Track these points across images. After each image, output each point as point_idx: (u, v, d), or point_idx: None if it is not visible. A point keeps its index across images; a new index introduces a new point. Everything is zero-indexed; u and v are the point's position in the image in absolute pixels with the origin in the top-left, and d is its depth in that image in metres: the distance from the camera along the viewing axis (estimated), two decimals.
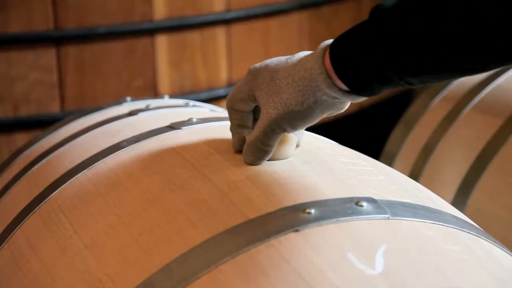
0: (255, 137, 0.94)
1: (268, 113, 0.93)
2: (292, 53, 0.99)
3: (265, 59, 0.98)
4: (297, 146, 0.99)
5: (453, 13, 0.78)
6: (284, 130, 0.93)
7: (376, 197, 0.88)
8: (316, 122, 0.93)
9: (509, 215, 1.59)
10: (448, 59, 0.81)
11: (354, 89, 0.88)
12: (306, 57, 0.91)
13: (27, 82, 2.32)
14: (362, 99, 0.90)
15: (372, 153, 1.24)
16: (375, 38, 0.84)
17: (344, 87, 0.88)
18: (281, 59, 0.95)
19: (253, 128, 0.98)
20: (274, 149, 0.95)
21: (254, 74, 0.95)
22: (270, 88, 0.93)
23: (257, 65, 0.96)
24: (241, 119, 0.98)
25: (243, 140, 0.98)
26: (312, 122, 0.93)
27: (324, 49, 0.89)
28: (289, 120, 0.92)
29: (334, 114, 0.94)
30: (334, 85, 0.88)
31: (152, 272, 0.82)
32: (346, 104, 0.92)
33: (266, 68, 0.94)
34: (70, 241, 0.94)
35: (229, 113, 0.99)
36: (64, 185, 1.06)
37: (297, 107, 0.90)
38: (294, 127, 0.93)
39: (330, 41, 0.90)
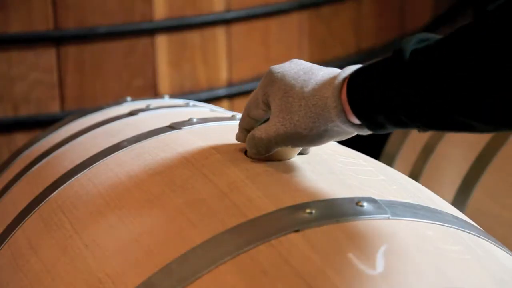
0: (259, 138, 0.94)
1: (276, 127, 0.91)
2: (292, 53, 0.99)
3: (265, 59, 0.97)
4: (304, 153, 0.99)
5: (475, 75, 0.76)
6: (287, 146, 0.92)
7: (376, 197, 0.88)
8: (316, 146, 0.92)
9: (509, 215, 1.59)
10: (464, 122, 0.79)
11: (367, 126, 0.86)
12: (324, 83, 0.89)
13: (27, 82, 2.32)
14: (367, 132, 0.89)
15: (372, 153, 1.23)
16: (393, 81, 0.82)
17: (357, 121, 0.86)
18: (299, 72, 0.92)
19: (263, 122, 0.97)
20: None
21: (271, 79, 0.93)
22: (283, 104, 0.91)
23: (276, 69, 0.94)
24: (252, 125, 0.98)
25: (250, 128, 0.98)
26: (318, 145, 0.92)
27: (342, 81, 0.87)
28: (295, 140, 0.91)
29: (342, 140, 0.93)
30: (347, 119, 0.87)
31: (152, 272, 0.82)
32: (351, 135, 0.91)
33: (283, 80, 0.92)
34: (70, 241, 0.94)
35: (243, 117, 0.98)
36: (64, 185, 1.06)
37: (306, 131, 0.89)
38: (299, 146, 0.92)
39: (349, 71, 0.87)
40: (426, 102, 0.80)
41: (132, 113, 1.26)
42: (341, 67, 0.93)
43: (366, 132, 0.88)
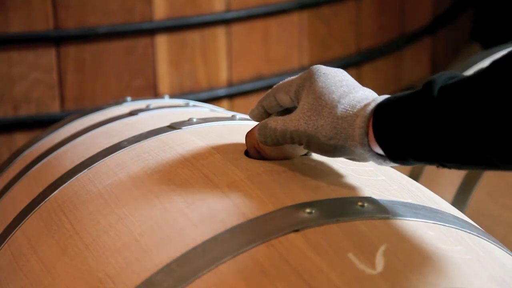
0: (274, 128, 0.93)
1: (298, 122, 0.90)
2: (292, 53, 0.99)
3: (265, 59, 0.97)
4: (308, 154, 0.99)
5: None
6: (301, 145, 0.92)
7: (376, 197, 0.88)
8: (331, 157, 0.92)
9: (509, 215, 1.59)
10: (489, 159, 0.78)
11: (388, 155, 0.85)
12: (359, 102, 0.88)
13: (27, 82, 2.32)
14: (389, 165, 0.88)
15: None
16: (420, 117, 0.81)
17: (378, 150, 0.86)
18: (342, 83, 0.90)
19: (280, 114, 0.97)
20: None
21: (312, 76, 0.92)
22: (314, 104, 0.90)
23: (321, 70, 0.92)
24: (271, 107, 0.97)
25: (262, 116, 0.98)
26: (328, 157, 0.91)
27: (371, 111, 0.86)
28: (310, 143, 0.90)
29: (353, 160, 0.92)
30: (368, 144, 0.86)
31: (152, 272, 0.82)
32: (368, 160, 0.90)
33: (324, 82, 0.90)
34: (70, 241, 0.94)
35: (267, 95, 0.97)
36: (65, 185, 1.06)
37: (324, 139, 0.88)
38: (311, 149, 0.91)
39: (383, 98, 0.86)
40: (452, 137, 0.79)
41: (132, 113, 1.26)
42: (341, 67, 0.93)
43: (381, 162, 0.87)
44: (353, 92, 0.89)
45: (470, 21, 3.73)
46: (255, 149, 0.98)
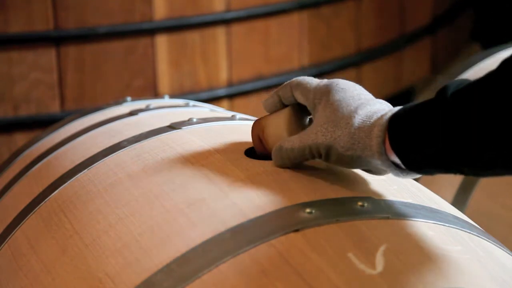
0: (291, 148, 0.93)
1: (316, 136, 0.90)
2: (292, 53, 0.99)
3: (265, 59, 0.97)
4: None
5: None
6: (319, 158, 0.91)
7: (376, 197, 0.88)
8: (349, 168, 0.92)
9: (509, 215, 1.59)
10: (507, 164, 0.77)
11: (406, 166, 0.85)
12: (376, 113, 0.88)
13: (27, 82, 2.32)
14: (407, 177, 0.88)
15: None
16: (436, 125, 0.81)
17: (395, 159, 0.85)
18: (360, 96, 0.91)
19: (298, 131, 0.96)
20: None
21: (331, 89, 0.92)
22: (332, 116, 0.90)
23: (341, 85, 0.92)
24: (287, 98, 0.97)
25: (276, 105, 0.98)
26: (347, 167, 0.91)
27: (387, 121, 0.86)
28: (330, 155, 0.90)
29: (370, 173, 0.92)
30: (385, 153, 0.85)
31: (152, 272, 0.82)
32: (387, 172, 0.90)
33: (343, 95, 0.91)
34: (70, 240, 0.94)
35: (285, 87, 0.97)
36: (65, 185, 1.06)
37: (342, 150, 0.88)
38: (329, 161, 0.91)
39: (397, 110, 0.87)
40: (464, 140, 0.79)
41: (132, 113, 1.26)
42: (341, 67, 0.93)
43: (399, 174, 0.87)
44: (370, 104, 0.89)
45: (470, 21, 3.73)
46: (259, 138, 0.98)
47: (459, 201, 1.65)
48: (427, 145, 0.82)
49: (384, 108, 0.89)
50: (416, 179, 0.97)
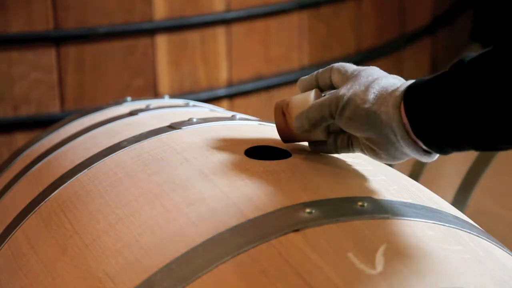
0: (311, 106, 0.94)
1: (337, 91, 0.92)
2: (292, 53, 0.99)
3: (265, 59, 0.98)
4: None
5: None
6: (334, 116, 0.91)
7: (376, 197, 0.88)
8: (356, 133, 0.91)
9: (509, 215, 1.59)
10: None
11: (421, 138, 0.85)
12: (395, 84, 0.89)
13: (27, 82, 2.32)
14: (423, 159, 0.88)
15: None
16: (451, 97, 0.81)
17: (407, 123, 0.86)
18: (375, 75, 0.92)
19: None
20: (318, 127, 0.95)
21: (360, 72, 0.94)
22: (352, 79, 0.92)
23: (367, 69, 0.94)
24: (324, 79, 0.98)
25: (311, 84, 0.99)
26: (355, 130, 0.90)
27: (402, 95, 0.87)
28: (346, 108, 0.90)
29: (372, 154, 0.92)
30: (400, 112, 0.86)
31: (152, 272, 0.82)
32: (390, 147, 0.89)
33: (363, 75, 0.93)
34: (70, 240, 0.94)
35: (326, 68, 0.98)
36: (65, 185, 1.06)
37: (361, 101, 0.88)
38: (343, 115, 0.90)
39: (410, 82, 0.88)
40: (476, 109, 0.79)
41: (132, 113, 1.26)
42: None
43: (417, 153, 0.87)
44: (389, 78, 0.91)
45: (470, 21, 3.73)
46: (283, 113, 0.98)
47: (459, 201, 1.65)
48: (439, 116, 0.82)
49: (399, 82, 0.90)
50: (416, 179, 0.97)
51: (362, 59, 2.97)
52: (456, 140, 0.83)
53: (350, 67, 0.96)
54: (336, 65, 0.98)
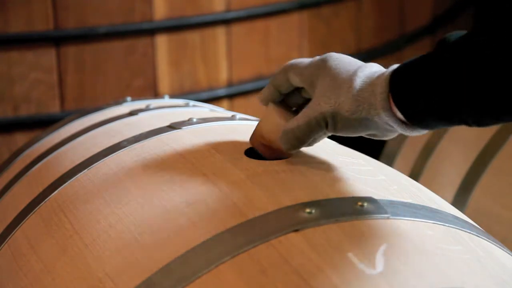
0: (296, 126, 0.93)
1: (319, 105, 0.91)
2: (292, 53, 0.99)
3: (265, 59, 0.97)
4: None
5: None
6: (326, 128, 0.91)
7: (376, 197, 0.88)
8: (355, 135, 0.92)
9: (509, 215, 1.59)
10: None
11: (408, 118, 0.86)
12: (376, 73, 0.89)
13: (27, 82, 2.32)
14: (413, 133, 0.88)
15: (372, 153, 1.24)
16: (436, 74, 0.82)
17: (400, 116, 0.86)
18: (356, 61, 0.92)
19: (292, 116, 0.97)
20: (309, 142, 0.94)
21: (325, 61, 0.93)
22: (331, 84, 0.90)
23: (334, 55, 0.93)
24: (282, 85, 0.97)
25: (273, 95, 0.98)
26: (352, 135, 0.91)
27: (388, 76, 0.87)
28: (336, 122, 0.90)
29: (375, 138, 0.92)
30: (391, 109, 0.86)
31: (152, 272, 0.82)
32: (393, 134, 0.91)
33: (338, 63, 0.92)
34: (70, 240, 0.94)
35: (278, 74, 0.97)
36: (65, 184, 1.06)
37: (348, 113, 0.88)
38: (335, 129, 0.91)
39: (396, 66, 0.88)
40: (464, 84, 0.79)
41: (132, 113, 1.26)
42: None
43: (407, 130, 0.87)
44: (368, 68, 0.90)
45: (470, 21, 3.73)
46: (263, 144, 0.98)
47: (459, 201, 1.65)
48: (427, 95, 0.82)
49: (382, 69, 0.90)
50: (416, 179, 0.97)
51: (362, 59, 2.96)
52: (447, 117, 0.83)
53: (303, 63, 0.95)
54: (288, 65, 0.97)
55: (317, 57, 0.95)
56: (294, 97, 0.99)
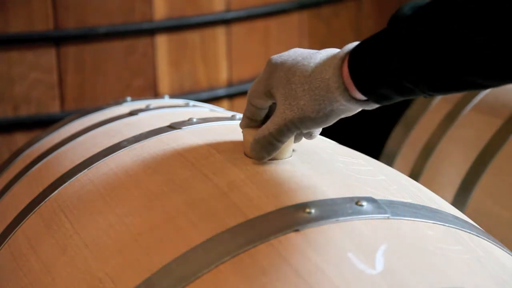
0: (268, 133, 0.94)
1: (284, 113, 0.92)
2: None
3: (265, 59, 0.98)
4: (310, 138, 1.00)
5: (472, 25, 0.76)
6: (299, 130, 0.93)
7: (376, 197, 0.88)
8: (328, 125, 0.93)
9: (509, 215, 1.59)
10: (464, 73, 0.79)
11: (372, 99, 0.87)
12: (323, 64, 0.90)
13: (27, 82, 2.32)
14: (377, 106, 0.90)
15: (372, 153, 1.24)
16: (392, 48, 0.83)
17: (362, 97, 0.88)
18: (298, 58, 0.93)
19: (263, 122, 0.98)
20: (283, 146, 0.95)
21: (271, 69, 0.95)
22: (287, 91, 0.92)
23: (275, 59, 0.95)
24: (254, 113, 0.99)
25: (249, 123, 0.99)
26: (327, 125, 0.93)
27: (342, 59, 0.88)
28: (305, 123, 0.91)
29: (349, 115, 0.94)
30: (352, 97, 0.88)
31: (152, 272, 0.82)
32: (356, 111, 0.92)
33: (283, 66, 0.93)
34: (70, 240, 0.94)
35: (247, 105, 0.99)
36: (65, 185, 1.06)
37: (313, 114, 0.90)
38: (309, 128, 0.92)
39: (348, 49, 0.88)
40: (426, 64, 0.81)
41: (132, 113, 1.26)
42: None
43: (371, 106, 0.89)
44: (312, 61, 0.91)
45: None
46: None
47: (459, 201, 1.65)
48: (383, 67, 0.84)
49: (327, 54, 0.91)
50: (416, 179, 0.97)
51: None
52: (402, 87, 0.84)
53: (253, 86, 0.97)
54: (248, 96, 0.98)
55: (261, 73, 0.96)
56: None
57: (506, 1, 0.74)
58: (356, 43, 0.89)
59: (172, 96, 2.38)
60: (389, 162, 1.90)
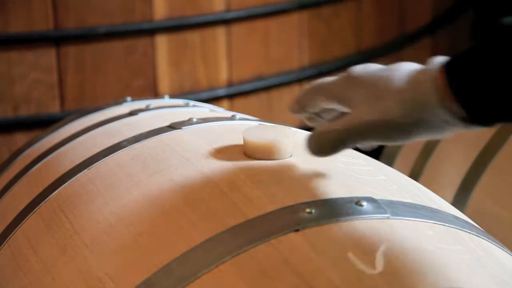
0: (333, 129, 0.85)
1: (361, 116, 0.83)
2: (292, 53, 0.98)
3: (265, 59, 0.96)
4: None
5: None
6: (367, 141, 0.84)
7: (376, 197, 0.88)
8: (404, 142, 0.84)
9: (509, 215, 1.59)
10: None
11: (474, 116, 0.78)
12: (415, 72, 0.82)
13: (27, 82, 2.32)
14: (474, 128, 0.80)
15: (372, 153, 1.23)
16: (506, 61, 0.74)
17: (458, 111, 0.78)
18: (382, 68, 0.85)
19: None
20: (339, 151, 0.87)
21: (354, 77, 0.86)
22: (369, 92, 0.83)
23: (357, 69, 0.86)
24: (308, 106, 0.91)
25: (299, 114, 0.93)
26: (403, 141, 0.83)
27: (439, 70, 0.79)
28: (389, 130, 0.82)
29: (430, 138, 0.83)
30: (449, 106, 0.78)
31: (152, 272, 0.82)
32: (450, 133, 0.82)
33: (367, 75, 0.84)
34: (70, 240, 0.94)
35: (305, 95, 0.91)
36: (65, 184, 1.06)
37: (401, 118, 0.80)
38: (381, 140, 0.84)
39: (440, 59, 0.80)
40: None
41: (132, 113, 1.26)
42: (341, 67, 0.93)
43: (469, 126, 0.80)
44: (398, 69, 0.84)
45: (470, 21, 3.73)
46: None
47: (459, 201, 1.65)
48: (497, 86, 0.74)
49: (415, 66, 0.83)
50: (416, 179, 0.97)
51: (362, 59, 2.97)
52: None
53: (328, 81, 0.88)
54: (315, 88, 0.90)
55: (342, 73, 0.88)
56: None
57: None
58: (444, 57, 0.80)
59: (172, 96, 2.37)
60: (389, 162, 1.90)
